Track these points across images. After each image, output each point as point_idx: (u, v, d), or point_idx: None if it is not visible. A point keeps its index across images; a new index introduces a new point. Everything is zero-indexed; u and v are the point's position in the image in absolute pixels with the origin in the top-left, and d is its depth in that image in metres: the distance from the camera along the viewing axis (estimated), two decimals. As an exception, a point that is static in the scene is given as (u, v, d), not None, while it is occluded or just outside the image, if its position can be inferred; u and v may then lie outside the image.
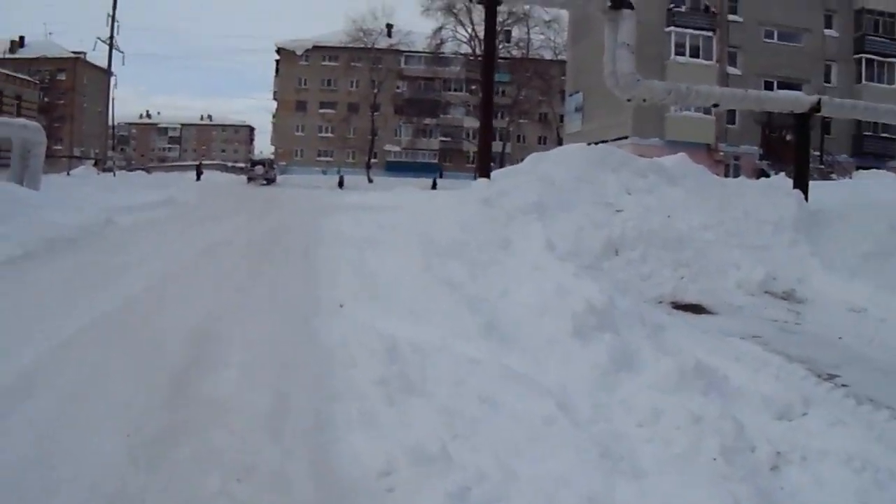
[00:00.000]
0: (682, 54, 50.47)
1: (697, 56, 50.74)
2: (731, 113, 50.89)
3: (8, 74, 62.97)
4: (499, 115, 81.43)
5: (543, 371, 7.39)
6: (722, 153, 51.37)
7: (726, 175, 40.53)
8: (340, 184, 69.96)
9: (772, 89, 42.05)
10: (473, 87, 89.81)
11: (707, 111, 49.02)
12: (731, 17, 52.55)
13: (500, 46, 79.45)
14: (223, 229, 20.34)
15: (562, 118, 79.20)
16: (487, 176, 18.29)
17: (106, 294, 10.40)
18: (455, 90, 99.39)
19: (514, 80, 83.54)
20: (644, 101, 20.38)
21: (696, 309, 12.92)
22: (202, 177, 74.19)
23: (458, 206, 15.94)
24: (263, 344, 8.20)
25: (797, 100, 21.42)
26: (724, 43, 51.91)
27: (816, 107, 20.66)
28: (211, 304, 10.06)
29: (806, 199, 18.62)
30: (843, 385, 8.50)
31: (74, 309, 9.43)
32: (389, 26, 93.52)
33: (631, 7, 19.32)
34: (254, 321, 9.19)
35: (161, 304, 9.98)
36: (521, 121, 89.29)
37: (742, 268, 14.75)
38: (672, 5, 50.98)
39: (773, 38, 53.35)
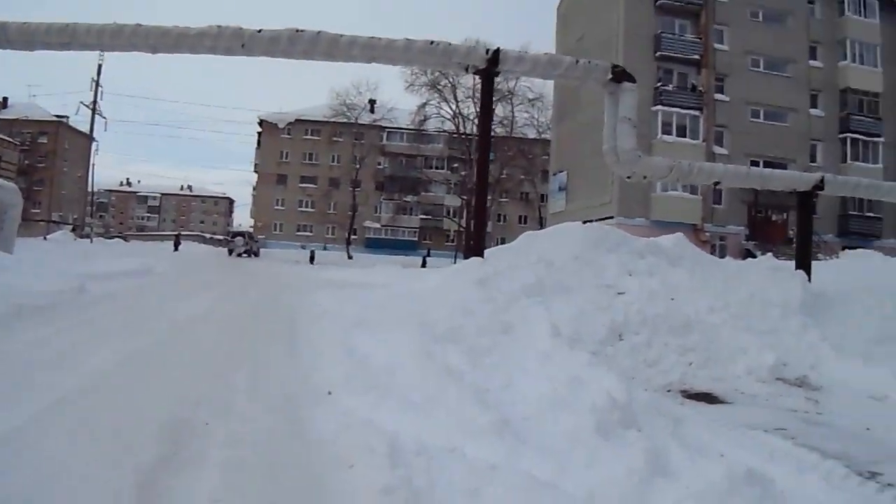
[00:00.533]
0: (669, 133, 50.21)
1: (684, 135, 50.45)
2: (717, 193, 50.68)
3: (-14, 132, 61.51)
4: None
5: (568, 477, 6.40)
6: (708, 233, 50.75)
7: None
8: (311, 259, 69.16)
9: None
10: (455, 165, 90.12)
11: (693, 191, 48.85)
12: (717, 96, 52.46)
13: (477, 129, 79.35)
14: (200, 303, 19.38)
15: (543, 197, 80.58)
16: (480, 254, 17.33)
17: (67, 373, 9.33)
18: (437, 168, 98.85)
19: (496, 158, 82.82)
20: (645, 177, 19.50)
21: (709, 398, 11.95)
22: (180, 247, 73.73)
23: (452, 286, 14.96)
24: (245, 438, 7.15)
25: (801, 178, 20.82)
26: (710, 122, 51.72)
27: (820, 185, 20.04)
28: (186, 388, 8.99)
29: (809, 279, 17.85)
30: (890, 484, 7.61)
31: (28, 391, 8.36)
32: (372, 102, 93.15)
33: (632, 80, 18.61)
34: (234, 410, 8.14)
35: (130, 388, 8.89)
36: (502, 200, 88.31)
37: (751, 353, 13.85)
38: (659, 84, 50.70)
39: (759, 118, 53.33)
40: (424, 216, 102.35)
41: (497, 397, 8.45)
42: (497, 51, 17.55)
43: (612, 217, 48.21)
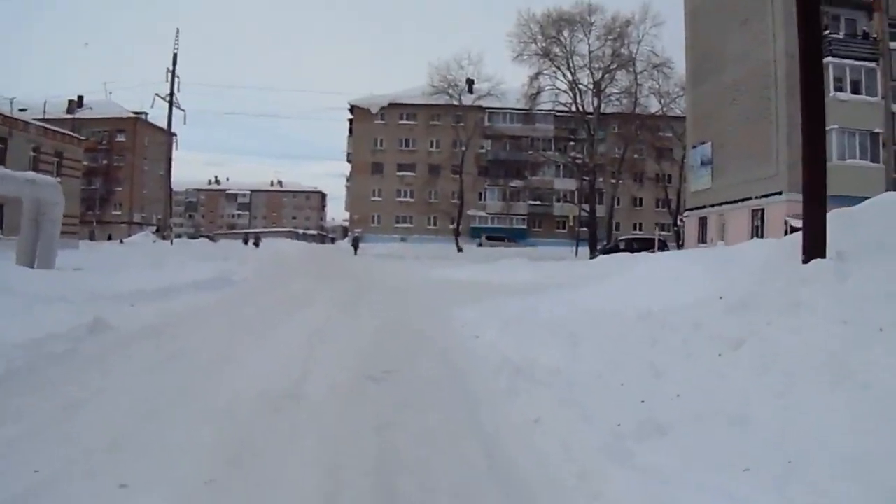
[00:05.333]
0: (842, 90, 41.56)
1: (860, 92, 41.73)
2: (899, 160, 41.96)
3: (46, 128, 54.15)
4: (589, 175, 74.08)
5: None
6: (893, 209, 42.17)
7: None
8: (355, 246, 65.75)
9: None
10: (571, 142, 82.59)
11: (874, 158, 40.60)
12: (892, 45, 43.36)
13: (597, 102, 71.97)
14: (286, 346, 11.84)
15: (668, 178, 78.92)
16: (821, 249, 9.23)
17: None
18: (544, 150, 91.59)
19: (619, 134, 77.44)
20: None
21: None
22: (260, 245, 70.52)
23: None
24: None
25: None
26: (887, 76, 42.87)
27: None
28: None
29: None
30: None
31: None
32: (471, 82, 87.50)
33: None
34: None
35: None
36: (612, 181, 79.84)
37: None
38: (827, 31, 41.89)
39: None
40: (533, 202, 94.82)
41: None
42: None
43: (779, 193, 40.52)
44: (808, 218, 9.68)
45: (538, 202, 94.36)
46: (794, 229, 35.72)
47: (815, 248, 9.20)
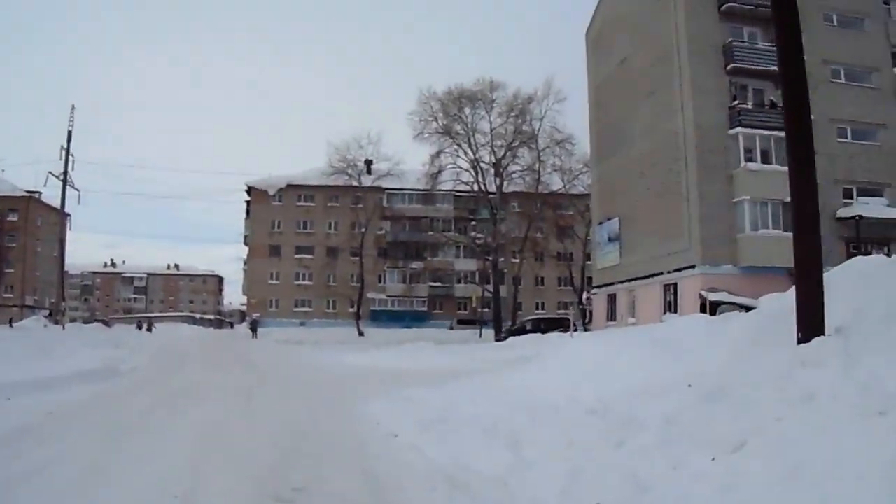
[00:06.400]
0: (753, 160, 40.74)
1: (770, 161, 40.58)
2: (811, 230, 41.09)
3: (-67, 204, 52.41)
4: (492, 255, 73.78)
5: None
6: (804, 278, 41.16)
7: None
8: (254, 330, 70.72)
9: (851, 197, 41.50)
10: (472, 222, 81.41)
11: (786, 227, 39.61)
12: (800, 114, 42.74)
13: (499, 180, 71.91)
14: (174, 451, 9.88)
15: (570, 255, 77.95)
16: (819, 326, 7.70)
17: None
18: (444, 230, 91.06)
19: (522, 213, 76.37)
20: None
21: None
22: (154, 330, 73.90)
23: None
24: None
25: None
26: (797, 146, 42.14)
27: None
28: None
29: None
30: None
31: None
32: (369, 162, 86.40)
33: None
34: None
35: None
36: (514, 260, 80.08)
37: None
38: (735, 102, 41.67)
39: (846, 138, 43.70)
40: (434, 283, 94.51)
41: None
42: None
43: (692, 266, 39.72)
44: (804, 291, 8.38)
45: (439, 283, 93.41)
46: (712, 304, 34.98)
47: (812, 324, 7.74)
